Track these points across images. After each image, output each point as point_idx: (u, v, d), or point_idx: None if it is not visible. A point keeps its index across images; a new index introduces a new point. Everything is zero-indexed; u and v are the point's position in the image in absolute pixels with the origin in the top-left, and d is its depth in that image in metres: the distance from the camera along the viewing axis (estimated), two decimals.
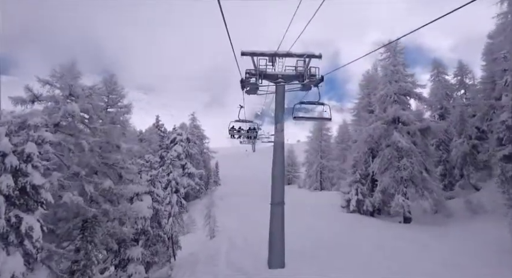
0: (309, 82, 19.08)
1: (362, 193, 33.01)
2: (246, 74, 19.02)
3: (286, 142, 20.11)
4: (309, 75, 18.76)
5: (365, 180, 34.24)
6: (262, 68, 17.32)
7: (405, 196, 28.38)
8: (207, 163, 68.18)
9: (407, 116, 29.42)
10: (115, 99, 20.67)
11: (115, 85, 20.77)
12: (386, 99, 31.33)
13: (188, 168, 57.31)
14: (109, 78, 20.88)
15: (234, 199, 59.04)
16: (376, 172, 30.57)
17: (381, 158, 30.27)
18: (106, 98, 20.46)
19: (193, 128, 66.04)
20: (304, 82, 19.23)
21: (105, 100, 20.44)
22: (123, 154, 19.85)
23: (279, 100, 19.24)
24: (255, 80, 19.13)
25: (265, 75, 17.33)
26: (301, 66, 19.26)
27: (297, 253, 17.04)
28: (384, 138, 30.39)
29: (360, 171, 34.13)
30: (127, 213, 18.99)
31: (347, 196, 33.64)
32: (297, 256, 16.63)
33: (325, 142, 59.32)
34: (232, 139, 21.42)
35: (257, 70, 18.61)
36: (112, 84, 20.69)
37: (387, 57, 33.09)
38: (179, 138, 59.42)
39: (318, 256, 16.94)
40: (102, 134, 18.79)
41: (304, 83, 19.29)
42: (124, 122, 21.03)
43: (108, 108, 20.49)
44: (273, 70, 18.47)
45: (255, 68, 18.61)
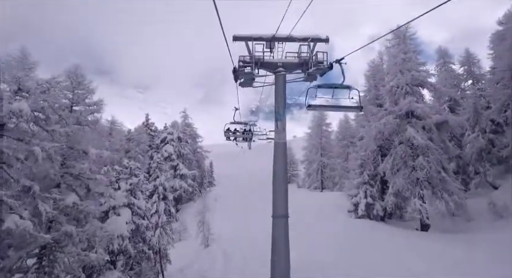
0: (315, 70, 15.40)
1: (372, 196, 29.71)
2: (239, 62, 15.27)
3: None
4: (315, 62, 15.06)
5: (374, 181, 30.96)
6: (259, 54, 14.42)
7: (422, 200, 25.09)
8: (201, 163, 64.51)
9: (422, 109, 26.10)
10: (82, 95, 17.07)
11: (82, 78, 17.15)
12: (397, 91, 28.01)
13: (180, 169, 53.70)
14: (74, 69, 17.24)
15: (229, 201, 55.76)
16: (387, 172, 27.22)
17: (393, 157, 26.96)
18: (70, 94, 16.84)
19: (185, 126, 62.29)
20: (310, 71, 15.56)
21: (70, 96, 16.82)
22: (92, 161, 16.30)
23: (279, 93, 15.58)
24: (251, 69, 15.41)
25: (262, 64, 14.41)
26: (305, 52, 15.55)
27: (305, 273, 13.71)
28: (396, 134, 27.08)
29: (368, 171, 30.81)
30: (97, 234, 15.46)
31: (355, 199, 30.33)
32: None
33: (325, 138, 55.89)
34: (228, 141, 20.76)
35: (252, 57, 14.50)
36: (78, 77, 17.06)
37: (396, 44, 29.73)
38: (170, 137, 55.75)
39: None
40: (63, 138, 15.23)
41: (310, 72, 15.62)
42: (94, 122, 17.38)
43: (74, 106, 16.88)
44: (272, 57, 15.07)
45: (250, 55, 14.90)
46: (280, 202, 14.07)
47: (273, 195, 14.24)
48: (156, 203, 27.82)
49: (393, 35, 29.74)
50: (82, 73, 17.49)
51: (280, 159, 14.73)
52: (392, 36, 29.75)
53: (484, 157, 33.20)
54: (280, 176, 14.54)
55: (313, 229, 27.24)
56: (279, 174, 14.47)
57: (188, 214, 49.29)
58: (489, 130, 33.82)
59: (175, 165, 53.84)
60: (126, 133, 57.53)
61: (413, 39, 29.50)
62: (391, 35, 29.74)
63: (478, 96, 36.14)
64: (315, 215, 33.33)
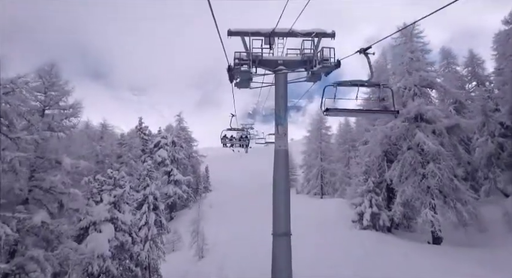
0: (321, 68, 13.44)
1: (377, 205, 27.72)
2: (235, 60, 12.98)
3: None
4: (320, 59, 12.76)
5: (379, 188, 28.98)
6: (257, 51, 12.90)
7: (434, 210, 23.15)
8: (196, 168, 62.43)
9: (432, 112, 24.21)
10: (55, 97, 15.03)
11: (56, 78, 15.13)
12: (404, 92, 26.11)
13: (174, 175, 51.59)
14: (48, 68, 15.20)
15: (226, 207, 53.66)
16: (394, 180, 25.28)
17: (401, 163, 25.05)
18: (42, 96, 14.80)
19: (180, 130, 60.20)
20: (314, 69, 13.70)
21: (41, 98, 14.77)
22: (67, 173, 14.26)
23: (279, 94, 13.23)
24: (248, 67, 13.09)
25: (261, 62, 13.01)
26: (308, 48, 13.27)
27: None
28: (404, 139, 25.16)
29: (373, 178, 28.83)
30: (71, 257, 13.40)
31: (359, 208, 28.32)
32: None
33: (325, 142, 53.89)
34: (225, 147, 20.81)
35: (250, 54, 12.72)
36: (52, 76, 15.03)
37: (402, 43, 27.90)
38: (164, 142, 53.65)
39: None
40: (32, 146, 13.20)
41: (314, 70, 13.77)
42: (69, 128, 15.33)
43: (46, 109, 14.83)
44: (271, 54, 13.59)
45: (247, 52, 12.79)
46: (281, 217, 12.09)
47: (273, 209, 12.31)
48: (146, 214, 25.74)
49: (398, 33, 27.90)
50: (57, 72, 15.44)
51: (281, 168, 12.63)
52: (397, 34, 27.91)
53: (494, 163, 31.38)
54: (281, 187, 12.67)
55: (314, 240, 25.26)
56: (280, 185, 12.59)
57: (182, 222, 47.13)
58: (498, 134, 32.00)
59: (169, 171, 51.75)
60: (119, 137, 55.40)
61: (420, 38, 27.64)
62: (397, 34, 27.91)
63: (485, 98, 34.33)
64: (316, 224, 31.32)
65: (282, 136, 12.67)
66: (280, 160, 12.52)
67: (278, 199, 11.99)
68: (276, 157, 12.48)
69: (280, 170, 12.52)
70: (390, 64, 31.87)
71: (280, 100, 12.71)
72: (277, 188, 12.23)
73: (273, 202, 12.25)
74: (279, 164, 12.46)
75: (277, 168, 12.45)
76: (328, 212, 35.62)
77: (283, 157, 12.53)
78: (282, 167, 12.66)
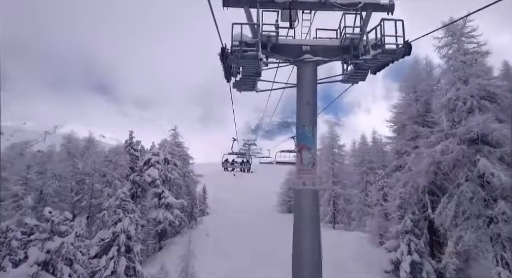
0: (380, 55, 7.85)
1: (418, 251, 21.21)
2: (233, 42, 7.77)
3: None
4: (378, 42, 7.74)
5: (418, 228, 22.52)
6: (270, 31, 8.01)
7: (508, 268, 16.66)
8: (192, 188, 55.87)
9: (500, 132, 17.94)
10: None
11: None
12: (457, 106, 19.94)
13: (165, 197, 44.95)
14: None
15: (224, 234, 47.15)
16: (447, 221, 18.87)
17: (456, 200, 18.64)
18: None
19: (175, 146, 53.89)
20: (367, 57, 8.05)
21: None
22: None
23: (304, 99, 8.07)
24: (256, 52, 7.71)
25: (276, 47, 8.06)
26: (351, 26, 8.14)
27: None
28: (461, 166, 18.84)
29: (411, 214, 22.40)
30: None
31: (394, 255, 21.82)
32: None
33: (338, 163, 47.35)
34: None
35: (259, 34, 7.70)
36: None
37: (448, 43, 21.95)
38: (155, 159, 47.19)
39: None
40: None
41: (366, 59, 8.09)
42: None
43: None
44: (292, 36, 8.73)
45: (255, 26, 7.68)
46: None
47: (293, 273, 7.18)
48: (115, 259, 19.38)
49: (444, 32, 22.01)
50: None
51: (308, 223, 7.37)
52: (442, 32, 22.02)
53: None
54: (307, 257, 7.06)
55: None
56: (306, 252, 7.06)
57: (173, 253, 40.29)
58: None
59: (160, 192, 45.17)
60: (107, 154, 49.20)
61: (472, 37, 21.66)
62: (441, 32, 22.02)
63: None
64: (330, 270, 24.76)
65: (308, 167, 7.65)
66: (305, 207, 7.44)
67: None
68: (300, 200, 7.54)
69: (307, 226, 7.28)
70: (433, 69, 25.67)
71: (304, 109, 7.86)
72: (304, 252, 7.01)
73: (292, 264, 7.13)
74: (304, 217, 7.36)
75: (300, 223, 7.34)
76: (345, 252, 28.80)
77: (311, 200, 7.50)
78: (309, 221, 7.29)
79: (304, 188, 7.45)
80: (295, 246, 7.48)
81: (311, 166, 7.55)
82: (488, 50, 20.67)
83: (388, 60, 7.96)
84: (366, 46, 7.74)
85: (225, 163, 20.11)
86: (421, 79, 25.70)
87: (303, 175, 7.52)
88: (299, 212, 7.44)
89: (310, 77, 7.90)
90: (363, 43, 7.82)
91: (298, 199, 7.71)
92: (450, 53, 21.64)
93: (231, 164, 20.74)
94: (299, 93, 7.88)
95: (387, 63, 8.14)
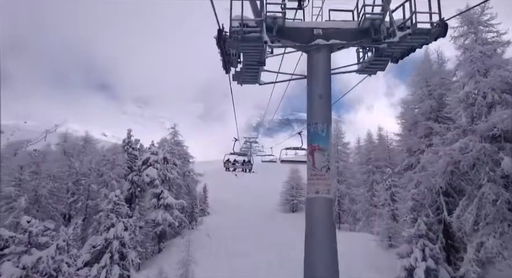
0: (413, 37, 6.49)
1: (433, 257, 19.72)
2: (231, 20, 6.39)
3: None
4: (406, 22, 6.51)
5: (432, 232, 21.01)
6: (274, 12, 6.67)
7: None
8: (192, 188, 54.37)
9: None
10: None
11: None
12: (476, 100, 18.39)
13: (165, 198, 43.51)
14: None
15: (226, 235, 45.81)
16: (468, 226, 17.36)
17: (477, 202, 17.12)
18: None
19: (174, 145, 52.43)
20: (393, 40, 6.59)
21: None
22: None
23: (315, 92, 6.87)
24: (260, 34, 6.29)
25: (282, 30, 6.69)
26: (371, 5, 7.02)
27: None
28: (482, 165, 17.31)
29: (425, 217, 20.90)
30: None
31: (407, 261, 20.32)
32: None
33: (343, 162, 45.80)
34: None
35: (264, 14, 6.35)
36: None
37: (465, 33, 20.37)
38: (153, 158, 45.76)
39: None
40: None
41: (391, 42, 6.67)
42: None
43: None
44: (301, 19, 7.64)
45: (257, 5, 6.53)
46: None
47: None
48: (107, 268, 17.95)
49: (460, 21, 20.43)
50: None
51: (322, 238, 6.27)
52: (458, 21, 20.45)
53: None
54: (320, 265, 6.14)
55: None
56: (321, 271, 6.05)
57: (172, 255, 38.81)
58: None
59: (159, 193, 43.73)
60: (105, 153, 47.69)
61: (491, 26, 20.07)
62: (457, 21, 20.44)
63: None
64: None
65: (322, 172, 6.49)
66: (319, 219, 6.35)
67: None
68: (312, 211, 6.49)
69: (320, 237, 6.30)
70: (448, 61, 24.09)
71: (317, 104, 6.79)
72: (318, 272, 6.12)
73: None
74: (318, 228, 6.32)
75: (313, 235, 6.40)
76: (353, 256, 27.20)
77: (325, 211, 6.40)
78: (323, 232, 6.29)
79: (318, 196, 6.26)
80: (307, 265, 6.40)
81: (325, 171, 6.33)
82: (510, 40, 19.07)
83: (418, 43, 6.67)
84: (389, 28, 6.51)
85: (227, 163, 19.91)
86: (433, 72, 24.10)
87: (315, 182, 6.34)
88: (312, 225, 6.30)
89: (323, 66, 6.71)
90: (386, 25, 6.61)
91: (310, 210, 6.42)
92: (467, 43, 20.07)
93: (232, 164, 20.65)
94: (310, 85, 6.71)
95: (416, 47, 6.86)
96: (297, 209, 61.02)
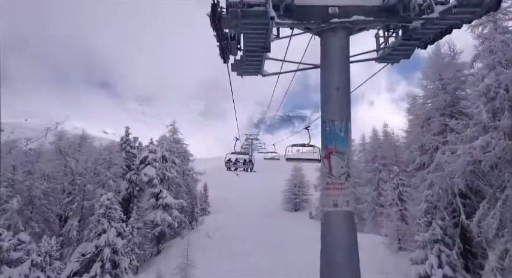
0: (458, 10, 5.00)
1: (450, 264, 18.26)
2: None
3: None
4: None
5: (448, 236, 19.54)
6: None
7: None
8: (192, 187, 53.04)
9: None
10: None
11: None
12: (498, 94, 16.89)
13: (163, 198, 42.17)
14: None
15: (227, 235, 44.61)
16: (490, 231, 15.89)
17: (501, 205, 15.64)
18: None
19: (173, 143, 50.96)
20: (432, 15, 5.14)
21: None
22: None
23: (331, 83, 5.48)
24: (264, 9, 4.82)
25: (290, 9, 5.51)
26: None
27: None
28: (504, 165, 15.82)
29: (441, 220, 19.43)
30: None
31: (421, 267, 18.88)
32: None
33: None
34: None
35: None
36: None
37: (483, 21, 18.81)
38: (152, 157, 44.42)
39: None
40: None
41: (431, 17, 5.17)
42: None
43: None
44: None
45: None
46: None
47: None
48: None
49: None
50: None
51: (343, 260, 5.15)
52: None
53: None
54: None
55: None
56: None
57: (171, 257, 37.53)
58: None
59: (158, 193, 42.35)
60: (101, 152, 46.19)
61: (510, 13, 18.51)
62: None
63: None
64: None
65: (340, 180, 5.29)
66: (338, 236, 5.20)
67: None
68: (329, 227, 5.28)
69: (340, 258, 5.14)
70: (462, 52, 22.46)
71: (334, 97, 5.52)
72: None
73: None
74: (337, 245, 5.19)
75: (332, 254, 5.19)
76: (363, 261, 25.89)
77: (345, 227, 5.24)
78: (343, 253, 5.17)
79: (336, 210, 5.24)
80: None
81: (345, 178, 5.29)
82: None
83: (463, 19, 5.50)
84: (422, 4, 5.42)
85: (228, 163, 19.93)
86: (447, 65, 22.50)
87: (333, 192, 5.29)
88: (329, 245, 5.23)
89: (340, 52, 5.61)
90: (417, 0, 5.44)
91: (327, 226, 5.34)
92: (486, 32, 18.51)
93: (234, 164, 20.69)
94: (325, 75, 5.66)
95: (457, 25, 5.71)
96: (300, 208, 59.69)
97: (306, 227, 46.05)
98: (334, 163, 5.64)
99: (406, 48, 7.05)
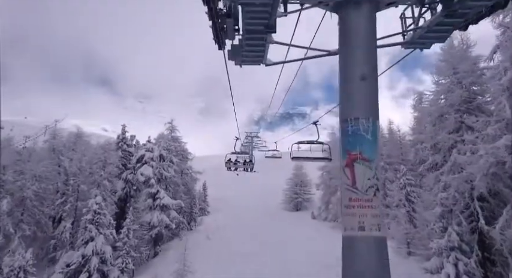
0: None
1: (469, 273, 16.81)
2: None
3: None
4: None
5: (465, 243, 18.06)
6: None
7: None
8: (191, 187, 51.59)
9: None
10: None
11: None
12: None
13: (161, 198, 40.70)
14: None
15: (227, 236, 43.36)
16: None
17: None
18: None
19: (171, 141, 49.39)
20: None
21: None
22: None
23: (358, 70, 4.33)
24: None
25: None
26: None
27: None
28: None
29: (457, 226, 17.94)
30: None
31: (437, 277, 17.41)
32: None
33: None
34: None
35: None
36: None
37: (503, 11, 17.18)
38: (149, 156, 42.93)
39: None
40: None
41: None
42: None
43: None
44: None
45: None
46: None
47: None
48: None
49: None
50: None
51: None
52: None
53: None
54: None
55: None
56: None
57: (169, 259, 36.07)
58: None
59: (155, 193, 40.86)
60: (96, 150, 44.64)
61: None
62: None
63: None
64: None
65: (368, 196, 4.21)
66: (364, 268, 4.00)
67: None
68: (352, 256, 4.22)
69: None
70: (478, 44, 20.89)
71: (357, 89, 4.45)
72: None
73: None
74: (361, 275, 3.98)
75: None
76: None
77: (375, 257, 4.10)
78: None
79: (363, 235, 4.14)
80: None
81: (373, 193, 4.19)
82: None
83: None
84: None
85: (228, 163, 19.90)
86: (461, 58, 20.91)
87: (358, 211, 4.20)
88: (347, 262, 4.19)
89: (365, 32, 4.54)
90: None
91: (350, 255, 4.21)
92: (508, 21, 16.96)
93: (234, 164, 20.65)
94: (345, 61, 4.57)
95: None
96: (301, 207, 58.23)
97: (307, 227, 44.81)
98: (359, 174, 4.37)
99: (444, 28, 5.78)
